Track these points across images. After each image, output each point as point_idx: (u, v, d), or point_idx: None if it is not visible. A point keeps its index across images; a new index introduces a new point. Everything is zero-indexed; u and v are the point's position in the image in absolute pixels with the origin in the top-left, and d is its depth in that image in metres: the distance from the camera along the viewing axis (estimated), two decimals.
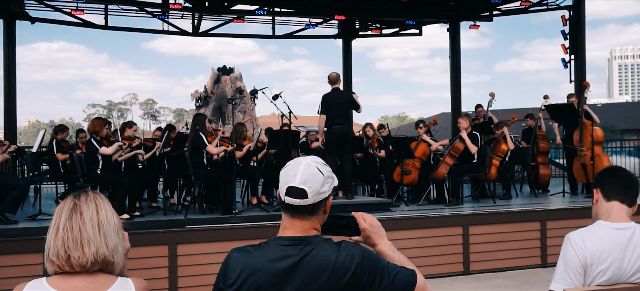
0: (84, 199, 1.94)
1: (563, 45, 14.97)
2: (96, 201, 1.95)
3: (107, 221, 1.93)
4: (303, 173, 1.98)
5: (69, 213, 1.90)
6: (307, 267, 1.94)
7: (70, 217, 1.89)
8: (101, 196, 2.01)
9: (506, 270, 8.13)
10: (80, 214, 1.90)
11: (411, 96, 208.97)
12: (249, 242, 2.10)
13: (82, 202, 1.93)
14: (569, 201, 9.89)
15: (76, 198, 1.95)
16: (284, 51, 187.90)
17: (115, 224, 1.97)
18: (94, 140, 7.94)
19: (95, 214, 1.91)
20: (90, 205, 1.93)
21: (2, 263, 6.34)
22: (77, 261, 1.86)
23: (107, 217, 1.94)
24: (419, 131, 10.21)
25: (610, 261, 2.56)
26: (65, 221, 1.89)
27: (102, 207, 1.95)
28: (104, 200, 1.99)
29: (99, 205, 1.95)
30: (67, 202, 1.94)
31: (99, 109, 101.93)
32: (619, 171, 2.76)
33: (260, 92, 9.07)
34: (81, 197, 1.95)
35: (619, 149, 18.00)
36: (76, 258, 1.86)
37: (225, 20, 16.83)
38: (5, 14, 14.55)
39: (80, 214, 1.90)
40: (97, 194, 2.00)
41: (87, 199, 1.94)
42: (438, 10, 16.24)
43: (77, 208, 1.91)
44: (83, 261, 1.86)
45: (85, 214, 1.90)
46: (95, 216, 1.91)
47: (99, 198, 1.98)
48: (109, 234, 1.92)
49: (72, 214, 1.90)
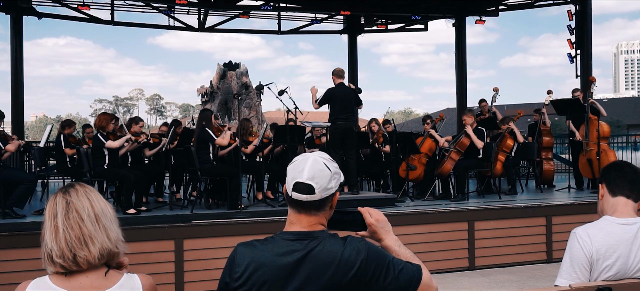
0: (75, 195, 1.90)
1: (569, 40, 14.91)
2: (88, 195, 1.92)
3: (103, 214, 1.90)
4: (310, 168, 1.98)
5: (64, 212, 1.87)
6: (313, 262, 1.94)
7: (67, 216, 1.86)
8: (89, 187, 1.96)
9: (512, 265, 8.13)
10: (76, 212, 1.87)
11: (416, 92, 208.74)
12: (255, 237, 2.11)
13: (74, 198, 1.89)
14: (574, 196, 9.87)
15: (66, 195, 1.90)
16: (289, 47, 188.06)
17: (111, 213, 1.94)
18: (100, 135, 7.97)
19: (91, 209, 1.88)
20: (83, 200, 1.89)
21: (10, 257, 6.40)
22: (84, 259, 1.84)
23: (103, 209, 1.91)
24: (425, 126, 10.20)
25: (616, 257, 2.56)
26: (63, 221, 1.85)
27: (95, 200, 1.92)
28: (94, 191, 1.95)
29: (92, 198, 1.92)
30: (59, 200, 1.90)
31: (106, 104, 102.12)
32: (624, 166, 2.75)
33: (266, 88, 9.07)
34: (71, 193, 1.91)
35: (625, 144, 17.93)
36: (83, 257, 1.83)
37: (231, 15, 16.85)
38: (12, 9, 14.61)
39: (77, 212, 1.87)
40: (85, 186, 1.96)
41: (78, 195, 1.90)
42: (443, 5, 16.20)
43: (71, 205, 1.87)
44: (90, 259, 1.84)
45: (82, 211, 1.87)
46: (91, 211, 1.88)
47: (89, 191, 1.94)
48: (109, 227, 1.90)
49: (67, 213, 1.86)
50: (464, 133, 9.52)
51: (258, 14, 16.84)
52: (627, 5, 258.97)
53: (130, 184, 7.80)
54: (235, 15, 16.64)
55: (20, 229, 6.74)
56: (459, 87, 16.77)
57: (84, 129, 10.43)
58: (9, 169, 8.14)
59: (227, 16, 16.96)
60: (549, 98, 10.91)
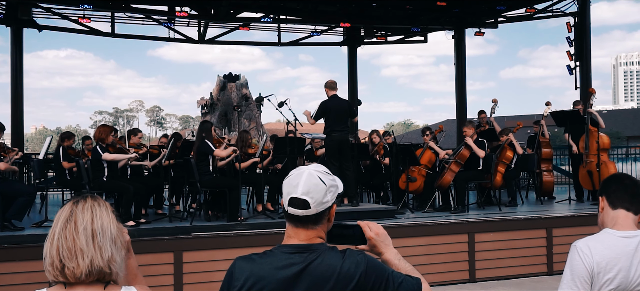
0: (81, 207, 1.87)
1: (568, 52, 14.96)
2: (93, 209, 1.88)
3: (102, 231, 1.86)
4: (305, 183, 1.97)
5: (64, 222, 1.84)
6: (312, 275, 1.94)
7: (65, 226, 1.83)
8: (100, 202, 1.92)
9: (512, 278, 8.10)
10: (74, 224, 1.83)
11: (416, 103, 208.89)
12: (254, 249, 2.10)
13: (78, 210, 1.86)
14: (575, 208, 9.85)
15: (74, 205, 1.88)
16: (290, 58, 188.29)
17: (112, 233, 1.89)
18: (99, 147, 7.97)
19: (89, 224, 1.84)
20: (85, 214, 1.86)
21: (8, 270, 6.37)
22: (72, 272, 1.80)
23: (102, 227, 1.87)
24: (425, 138, 10.21)
25: (617, 270, 2.55)
26: (60, 230, 1.83)
27: (97, 216, 1.87)
28: (102, 207, 1.91)
29: (95, 214, 1.87)
30: (65, 209, 1.88)
31: (106, 116, 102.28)
32: (624, 178, 2.74)
33: (266, 100, 9.07)
34: (79, 204, 1.88)
35: (624, 156, 17.93)
36: (71, 269, 1.80)
37: (231, 27, 16.90)
38: (13, 21, 14.66)
39: (75, 224, 1.83)
40: (96, 200, 1.92)
41: (83, 207, 1.87)
42: (443, 17, 16.24)
43: (72, 216, 1.85)
44: (77, 273, 1.80)
45: (80, 224, 1.83)
46: (89, 226, 1.84)
47: (96, 206, 1.90)
48: (103, 245, 1.84)
49: (67, 223, 1.84)
50: (464, 145, 9.52)
51: (258, 26, 16.90)
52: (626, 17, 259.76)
53: (129, 196, 7.79)
54: (235, 27, 16.69)
55: (19, 241, 6.71)
56: (458, 99, 16.80)
57: (84, 141, 10.43)
58: (8, 182, 8.13)
59: (227, 28, 17.01)
60: (548, 110, 10.93)
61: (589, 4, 14.83)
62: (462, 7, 15.58)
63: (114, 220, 1.92)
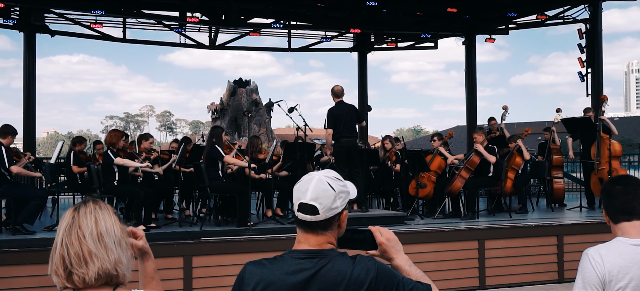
0: (83, 211, 1.86)
1: (580, 58, 14.88)
2: (95, 213, 1.87)
3: (107, 233, 1.85)
4: (314, 189, 1.97)
5: (67, 229, 1.83)
6: (323, 280, 1.93)
7: (69, 232, 1.82)
8: (102, 205, 1.91)
9: (523, 285, 8.05)
10: (79, 228, 1.82)
11: (427, 109, 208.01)
12: (264, 254, 2.10)
13: (81, 215, 1.85)
14: (586, 215, 9.78)
15: (76, 211, 1.87)
16: (300, 64, 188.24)
17: (116, 235, 1.87)
18: (110, 152, 8.01)
19: (94, 227, 1.83)
20: (89, 217, 1.85)
21: (19, 274, 6.42)
22: (80, 278, 1.79)
23: (107, 229, 1.86)
24: (433, 143, 10.18)
25: (629, 278, 2.53)
26: (64, 236, 1.82)
27: (101, 219, 1.86)
28: (104, 209, 1.90)
29: (98, 217, 1.86)
30: (67, 216, 1.87)
31: (117, 121, 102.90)
32: (613, 189, 2.68)
33: (276, 105, 9.10)
34: (81, 209, 1.87)
35: (636, 163, 17.78)
36: (80, 275, 1.78)
37: (241, 33, 16.97)
38: (25, 27, 14.81)
39: (79, 228, 1.82)
40: (97, 203, 1.91)
41: (86, 212, 1.86)
42: (453, 24, 16.22)
43: (75, 222, 1.84)
44: (87, 278, 1.79)
45: (85, 228, 1.82)
46: (94, 229, 1.83)
47: (98, 209, 1.89)
48: (109, 247, 1.83)
49: (70, 229, 1.83)
50: (474, 151, 9.49)
51: (269, 32, 16.95)
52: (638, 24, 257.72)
53: (140, 200, 7.83)
54: (246, 33, 16.76)
55: (30, 245, 6.76)
56: (469, 105, 16.75)
57: (95, 145, 10.49)
58: (20, 186, 8.19)
59: (238, 34, 17.09)
60: (558, 117, 10.88)
61: (600, 10, 14.73)
62: (473, 13, 15.56)
63: (118, 222, 1.91)
